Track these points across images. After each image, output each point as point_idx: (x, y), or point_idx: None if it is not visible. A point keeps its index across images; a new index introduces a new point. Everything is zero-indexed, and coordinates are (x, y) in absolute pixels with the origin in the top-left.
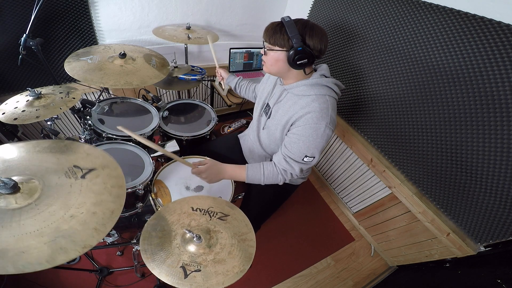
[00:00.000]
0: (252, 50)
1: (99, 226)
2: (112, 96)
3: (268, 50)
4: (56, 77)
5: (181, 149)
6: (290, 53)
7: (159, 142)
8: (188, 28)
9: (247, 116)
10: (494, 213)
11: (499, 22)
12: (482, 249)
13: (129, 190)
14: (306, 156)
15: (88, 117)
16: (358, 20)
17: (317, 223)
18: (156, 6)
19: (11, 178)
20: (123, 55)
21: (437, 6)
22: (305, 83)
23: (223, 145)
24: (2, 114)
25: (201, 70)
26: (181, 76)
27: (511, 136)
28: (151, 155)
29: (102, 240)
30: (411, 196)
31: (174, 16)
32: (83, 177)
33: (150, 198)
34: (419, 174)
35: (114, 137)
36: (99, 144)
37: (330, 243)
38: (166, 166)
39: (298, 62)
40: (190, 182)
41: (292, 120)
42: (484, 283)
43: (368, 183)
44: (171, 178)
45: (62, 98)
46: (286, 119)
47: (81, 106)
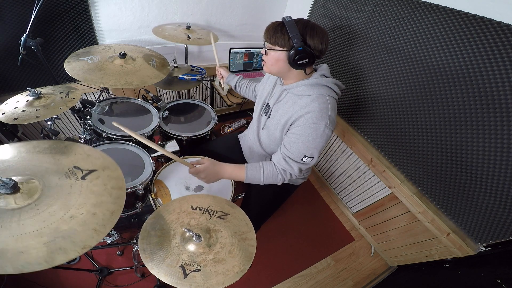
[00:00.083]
0: (252, 50)
1: (99, 227)
2: (112, 96)
3: (268, 50)
4: (56, 77)
5: (181, 149)
6: (291, 53)
7: (159, 142)
8: (188, 28)
9: (247, 116)
10: (494, 213)
11: (499, 22)
12: (482, 249)
13: (129, 190)
14: (305, 156)
15: (88, 117)
16: (358, 20)
17: (317, 223)
18: (156, 6)
19: (11, 178)
20: (123, 55)
21: (437, 6)
22: (305, 83)
23: (223, 145)
24: (2, 114)
25: (201, 70)
26: (181, 76)
27: (511, 136)
28: (151, 155)
29: (102, 240)
30: (411, 196)
31: (174, 16)
32: (83, 178)
33: (150, 198)
34: (419, 174)
35: (114, 137)
36: (99, 144)
37: (330, 243)
38: (166, 166)
39: (298, 62)
40: (190, 182)
41: (291, 120)
42: (484, 283)
43: (368, 183)
44: (171, 178)
45: (62, 98)
46: (286, 119)
47: (81, 106)
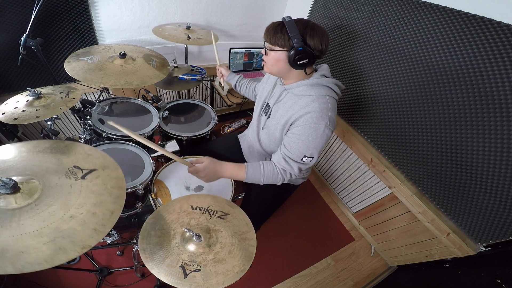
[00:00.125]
0: (252, 50)
1: (99, 226)
2: (112, 96)
3: (268, 50)
4: (56, 77)
5: (181, 149)
6: (291, 53)
7: (159, 142)
8: (188, 28)
9: (247, 116)
10: (494, 213)
11: (499, 22)
12: (482, 249)
13: (129, 190)
14: (305, 156)
15: (88, 117)
16: (358, 20)
17: (317, 223)
18: (156, 6)
19: (11, 178)
20: (123, 55)
21: (437, 6)
22: (305, 83)
23: (223, 145)
24: (2, 114)
25: (201, 70)
26: (181, 76)
27: (511, 136)
28: (151, 155)
29: (102, 240)
30: (411, 196)
31: (174, 16)
32: (83, 177)
33: (150, 198)
34: (419, 174)
35: (114, 137)
36: (99, 144)
37: (330, 243)
38: (166, 166)
39: (298, 62)
40: (190, 182)
41: (291, 120)
42: (484, 283)
43: (368, 183)
44: (171, 178)
45: (62, 98)
46: (286, 119)
47: (81, 106)
